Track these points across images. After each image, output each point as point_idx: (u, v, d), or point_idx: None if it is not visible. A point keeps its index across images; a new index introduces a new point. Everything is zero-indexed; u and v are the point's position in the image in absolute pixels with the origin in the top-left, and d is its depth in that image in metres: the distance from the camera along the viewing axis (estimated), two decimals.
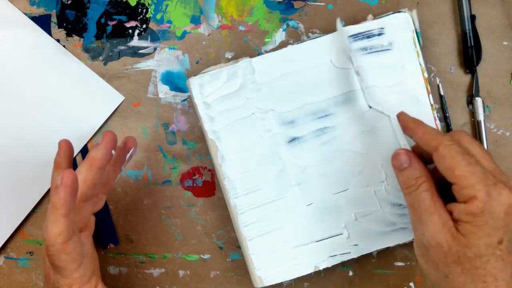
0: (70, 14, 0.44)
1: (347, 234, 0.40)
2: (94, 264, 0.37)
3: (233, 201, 0.40)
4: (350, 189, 0.40)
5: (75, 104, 0.44)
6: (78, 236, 0.34)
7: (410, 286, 0.44)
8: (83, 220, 0.37)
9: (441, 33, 0.43)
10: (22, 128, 0.43)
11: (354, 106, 0.40)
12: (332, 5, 0.43)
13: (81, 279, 0.34)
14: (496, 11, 0.43)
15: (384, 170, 0.40)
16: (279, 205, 0.40)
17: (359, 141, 0.40)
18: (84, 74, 0.44)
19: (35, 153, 0.43)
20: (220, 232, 0.44)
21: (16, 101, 0.43)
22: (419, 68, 0.40)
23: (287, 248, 0.40)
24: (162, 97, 0.44)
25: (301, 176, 0.40)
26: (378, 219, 0.40)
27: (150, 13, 0.44)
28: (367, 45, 0.39)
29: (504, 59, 0.43)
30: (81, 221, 0.37)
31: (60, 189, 0.31)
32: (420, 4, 0.43)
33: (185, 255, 0.44)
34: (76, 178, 0.31)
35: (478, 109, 0.42)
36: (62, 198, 0.31)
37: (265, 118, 0.40)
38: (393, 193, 0.40)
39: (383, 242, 0.40)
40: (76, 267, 0.33)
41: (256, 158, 0.40)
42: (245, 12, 0.44)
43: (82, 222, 0.37)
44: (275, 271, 0.40)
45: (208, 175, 0.44)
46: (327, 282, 0.44)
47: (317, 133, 0.40)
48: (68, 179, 0.31)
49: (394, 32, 0.39)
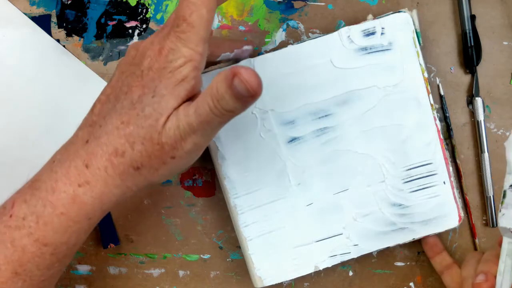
0: (70, 14, 0.44)
1: (347, 234, 0.40)
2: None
3: (233, 201, 0.40)
4: (350, 189, 0.40)
5: (75, 104, 0.44)
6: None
7: (410, 286, 0.44)
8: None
9: (441, 33, 0.43)
10: (22, 128, 0.43)
11: (355, 106, 0.40)
12: (332, 5, 0.43)
13: (201, 58, 0.29)
14: (496, 11, 0.43)
15: (384, 171, 0.40)
16: (279, 205, 0.40)
17: (359, 141, 0.40)
18: (84, 74, 0.44)
19: (35, 153, 0.43)
20: (220, 232, 0.44)
21: (16, 101, 0.43)
22: (419, 68, 0.40)
23: (287, 248, 0.40)
24: None
25: (301, 176, 0.40)
26: (378, 219, 0.40)
27: (150, 13, 0.44)
28: (367, 44, 0.39)
29: (504, 59, 0.43)
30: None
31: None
32: (420, 4, 0.43)
33: (185, 255, 0.44)
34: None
35: (478, 109, 0.42)
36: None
37: (265, 118, 0.40)
38: (394, 193, 0.40)
39: (383, 242, 0.40)
40: (204, 35, 0.28)
41: (256, 158, 0.40)
42: (245, 12, 0.44)
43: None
44: (275, 271, 0.40)
45: (208, 175, 0.44)
46: (327, 282, 0.44)
47: (317, 133, 0.40)
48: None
49: (394, 32, 0.39)
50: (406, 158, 0.40)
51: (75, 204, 0.29)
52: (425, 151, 0.40)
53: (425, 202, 0.40)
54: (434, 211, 0.40)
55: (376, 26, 0.39)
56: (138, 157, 0.29)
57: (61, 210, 0.29)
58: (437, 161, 0.40)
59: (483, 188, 0.43)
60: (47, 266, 0.30)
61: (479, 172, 0.43)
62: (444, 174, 0.40)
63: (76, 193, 0.29)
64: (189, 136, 0.28)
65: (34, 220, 0.29)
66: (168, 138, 0.28)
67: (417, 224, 0.40)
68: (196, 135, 0.29)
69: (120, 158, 0.29)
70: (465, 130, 0.43)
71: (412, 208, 0.40)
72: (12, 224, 0.30)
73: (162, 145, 0.29)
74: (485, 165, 0.42)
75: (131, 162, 0.29)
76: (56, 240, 0.30)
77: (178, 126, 0.28)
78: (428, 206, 0.40)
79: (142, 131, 0.29)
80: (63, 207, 0.29)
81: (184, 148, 0.29)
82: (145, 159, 0.29)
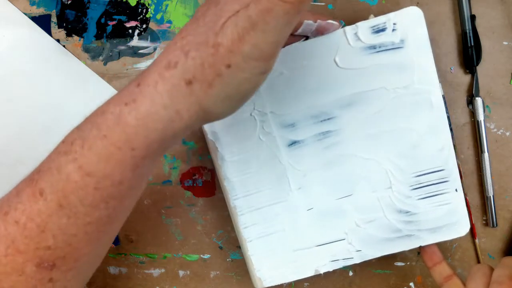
0: (70, 14, 0.44)
1: (350, 240, 0.39)
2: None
3: (233, 202, 0.40)
4: (354, 195, 0.39)
5: (75, 104, 0.44)
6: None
7: (410, 286, 0.44)
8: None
9: (441, 33, 0.43)
10: (22, 128, 0.43)
11: (360, 109, 0.38)
12: (332, 5, 0.43)
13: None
14: (496, 11, 0.43)
15: (391, 176, 0.39)
16: (279, 208, 0.40)
17: (364, 146, 0.38)
18: (84, 74, 0.44)
19: (35, 153, 0.43)
20: (220, 232, 0.44)
21: (16, 101, 0.43)
22: (434, 68, 0.37)
23: (287, 251, 0.40)
24: None
25: (302, 180, 0.39)
26: (383, 226, 0.39)
27: (150, 13, 0.44)
28: (376, 42, 0.37)
29: (504, 59, 0.43)
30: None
31: None
32: (420, 4, 0.43)
33: (185, 255, 0.44)
34: None
35: (478, 109, 0.42)
36: None
37: (264, 120, 0.39)
38: (400, 200, 0.39)
39: (387, 249, 0.39)
40: None
41: (256, 160, 0.39)
42: None
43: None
44: (275, 273, 0.40)
45: (208, 175, 0.44)
46: (327, 282, 0.44)
47: (319, 137, 0.39)
48: None
49: (406, 28, 0.37)
50: (416, 164, 0.38)
51: (119, 125, 0.27)
52: (437, 157, 0.38)
53: (434, 210, 0.38)
54: (443, 219, 0.38)
55: (387, 22, 0.36)
56: (191, 66, 0.26)
57: (104, 133, 0.27)
58: (450, 167, 0.38)
59: (483, 188, 0.43)
60: (90, 202, 0.28)
61: (479, 172, 0.43)
62: (457, 181, 0.38)
63: (122, 112, 0.27)
64: (248, 33, 0.24)
65: (80, 144, 0.28)
66: (224, 37, 0.25)
67: (425, 231, 0.39)
68: (255, 32, 0.24)
69: (172, 70, 0.26)
70: (465, 130, 0.43)
71: (420, 216, 0.39)
72: (61, 149, 0.29)
73: (217, 47, 0.25)
74: (485, 165, 0.42)
75: (183, 73, 0.26)
76: (98, 171, 0.28)
77: (237, 23, 0.25)
78: (438, 213, 0.38)
79: (199, 37, 0.26)
80: (107, 129, 0.27)
81: (241, 51, 0.25)
82: (198, 69, 0.26)
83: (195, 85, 0.26)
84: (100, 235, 0.31)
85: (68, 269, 0.30)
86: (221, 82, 0.26)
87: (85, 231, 0.29)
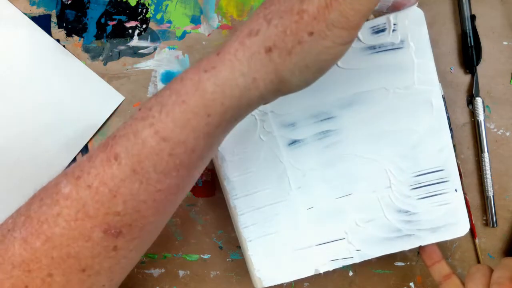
0: (70, 14, 0.44)
1: (350, 239, 0.39)
2: None
3: (233, 202, 0.40)
4: (353, 194, 0.39)
5: (75, 104, 0.44)
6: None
7: (410, 286, 0.44)
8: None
9: (441, 33, 0.43)
10: (22, 128, 0.43)
11: (360, 109, 0.38)
12: None
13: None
14: (496, 11, 0.43)
15: (390, 176, 0.39)
16: (279, 208, 0.40)
17: (364, 145, 0.39)
18: (84, 74, 0.44)
19: (35, 153, 0.43)
20: (220, 232, 0.44)
21: (16, 101, 0.43)
22: (434, 68, 0.37)
23: (287, 250, 0.40)
24: None
25: (302, 179, 0.39)
26: (383, 225, 0.39)
27: (150, 13, 0.44)
28: (375, 43, 0.37)
29: (504, 59, 0.43)
30: None
31: None
32: (420, 4, 0.43)
33: (185, 255, 0.44)
34: None
35: (478, 109, 0.42)
36: None
37: (264, 120, 0.39)
38: (400, 200, 0.39)
39: (387, 248, 0.39)
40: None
41: (256, 160, 0.39)
42: (245, 12, 0.44)
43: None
44: (275, 273, 0.40)
45: (208, 175, 0.44)
46: (327, 282, 0.44)
47: (319, 136, 0.39)
48: None
49: (407, 29, 0.37)
50: (415, 164, 0.38)
51: (197, 91, 0.27)
52: (437, 157, 0.38)
53: (434, 210, 0.39)
54: (443, 218, 0.39)
55: (387, 22, 0.37)
56: (273, 33, 0.26)
57: (183, 98, 0.27)
58: (449, 167, 0.38)
59: (483, 188, 0.43)
60: (163, 169, 0.28)
61: (479, 172, 0.43)
62: (456, 182, 0.38)
63: (201, 78, 0.27)
64: (336, 0, 0.24)
65: (158, 110, 0.28)
66: (310, 4, 0.25)
67: (424, 231, 0.39)
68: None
69: (253, 37, 0.26)
70: (465, 130, 0.43)
71: (420, 215, 0.39)
72: (139, 115, 0.29)
73: (302, 14, 0.25)
74: (485, 165, 0.42)
75: (264, 40, 0.26)
76: (174, 137, 0.28)
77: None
78: (437, 213, 0.39)
79: (283, 6, 0.26)
80: (185, 95, 0.27)
81: (327, 18, 0.24)
82: (279, 37, 0.26)
83: (274, 53, 0.26)
84: (167, 205, 0.31)
85: (132, 238, 0.30)
86: (301, 50, 0.26)
87: (154, 198, 0.29)
